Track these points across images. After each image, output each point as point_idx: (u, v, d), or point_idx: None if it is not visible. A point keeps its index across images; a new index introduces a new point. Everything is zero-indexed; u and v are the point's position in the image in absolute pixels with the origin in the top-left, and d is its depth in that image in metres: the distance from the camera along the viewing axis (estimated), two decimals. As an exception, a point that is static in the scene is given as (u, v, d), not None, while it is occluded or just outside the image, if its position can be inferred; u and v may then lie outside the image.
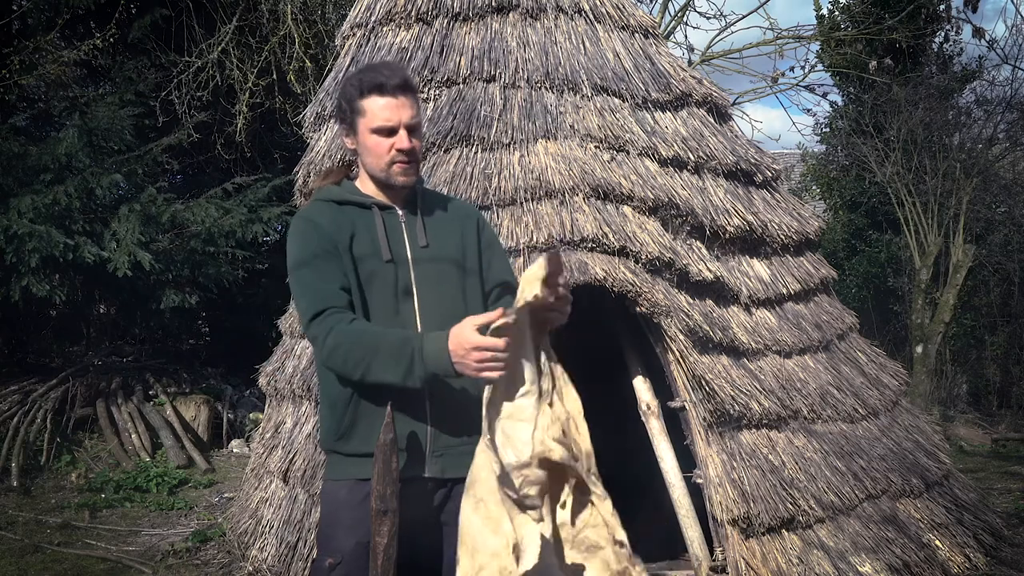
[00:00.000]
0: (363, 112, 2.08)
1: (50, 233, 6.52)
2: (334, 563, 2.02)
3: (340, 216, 2.11)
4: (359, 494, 2.01)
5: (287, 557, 4.06)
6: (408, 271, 2.09)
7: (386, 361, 1.91)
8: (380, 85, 2.06)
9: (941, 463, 4.61)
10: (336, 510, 2.08)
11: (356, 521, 2.00)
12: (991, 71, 10.84)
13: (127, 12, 8.48)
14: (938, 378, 9.52)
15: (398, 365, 1.90)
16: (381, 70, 2.09)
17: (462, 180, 4.07)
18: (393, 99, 2.06)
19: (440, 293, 2.10)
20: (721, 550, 3.74)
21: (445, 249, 2.15)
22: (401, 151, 2.07)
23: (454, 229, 2.19)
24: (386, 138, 2.07)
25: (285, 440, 4.41)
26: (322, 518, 2.16)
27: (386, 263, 2.08)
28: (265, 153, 9.59)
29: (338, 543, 2.04)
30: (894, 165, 9.91)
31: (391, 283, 2.08)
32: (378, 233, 2.10)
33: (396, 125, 2.06)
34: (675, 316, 3.84)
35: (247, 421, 7.76)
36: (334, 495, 2.09)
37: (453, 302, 2.10)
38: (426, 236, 2.13)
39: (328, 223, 2.09)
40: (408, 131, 2.07)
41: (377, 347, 1.93)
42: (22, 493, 5.78)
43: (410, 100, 2.09)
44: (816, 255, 5.03)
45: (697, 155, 4.52)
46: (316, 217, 2.11)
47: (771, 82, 10.95)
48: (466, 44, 4.61)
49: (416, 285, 2.09)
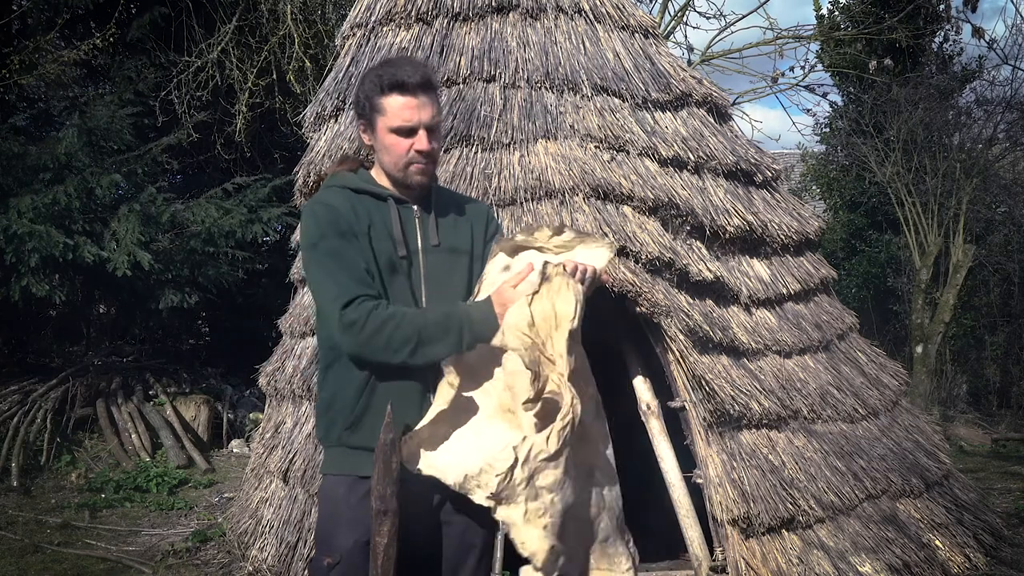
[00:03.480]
0: (383, 110, 2.03)
1: (50, 233, 6.52)
2: (332, 562, 1.98)
3: (357, 204, 2.07)
4: (359, 491, 1.98)
5: (287, 557, 4.06)
6: (419, 268, 2.08)
7: (435, 335, 1.91)
8: (401, 83, 2.01)
9: (941, 463, 4.61)
10: (335, 507, 2.04)
11: (356, 519, 1.97)
12: (991, 71, 10.85)
13: (127, 12, 8.48)
14: (938, 378, 9.53)
15: (448, 336, 1.91)
16: (404, 66, 2.05)
17: (462, 180, 4.07)
18: (414, 98, 2.01)
19: (448, 289, 2.10)
20: (721, 550, 3.74)
21: (456, 245, 2.14)
22: (420, 152, 2.04)
23: (465, 228, 2.18)
24: (405, 138, 2.03)
25: (285, 440, 4.41)
26: (320, 515, 2.12)
27: (401, 258, 2.06)
28: (265, 153, 9.59)
29: (337, 541, 2.00)
30: (894, 165, 9.91)
31: (404, 279, 2.06)
32: (394, 227, 2.07)
33: (416, 125, 2.02)
34: (675, 316, 3.84)
35: (247, 421, 7.76)
36: (333, 492, 2.05)
37: (460, 297, 2.09)
38: (438, 235, 2.12)
39: (346, 209, 2.04)
40: (428, 132, 2.04)
41: (424, 325, 1.92)
42: (22, 493, 5.78)
43: (431, 99, 2.04)
44: (816, 255, 5.03)
45: (697, 155, 4.52)
46: (333, 201, 2.05)
47: (771, 82, 10.96)
48: (466, 44, 4.61)
49: (426, 281, 2.08)
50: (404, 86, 2.01)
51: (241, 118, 8.87)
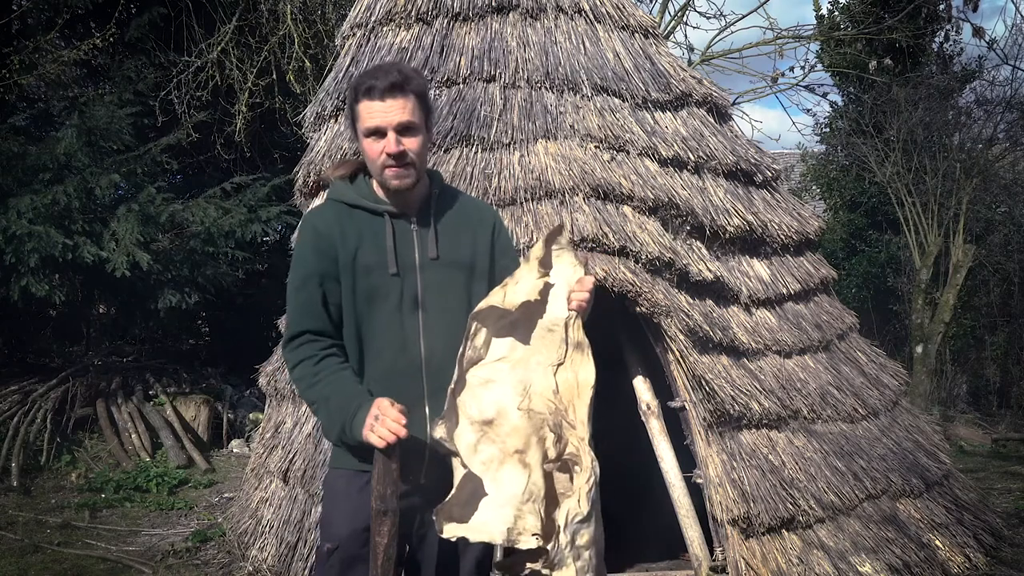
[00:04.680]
0: (357, 116, 2.08)
1: (49, 233, 6.52)
2: (331, 548, 2.11)
3: (348, 222, 2.11)
4: (357, 483, 2.08)
5: (287, 557, 4.06)
6: (415, 282, 2.09)
7: (329, 417, 2.02)
8: (369, 89, 2.04)
9: (941, 463, 4.61)
10: (334, 498, 2.16)
11: (353, 509, 2.08)
12: (991, 71, 10.85)
13: (126, 12, 8.47)
14: (938, 378, 9.53)
15: (333, 425, 2.01)
16: (375, 73, 2.07)
17: (462, 180, 4.07)
18: (380, 102, 2.03)
19: (445, 306, 2.10)
20: (721, 550, 3.74)
21: (455, 258, 2.14)
22: (390, 155, 2.04)
23: (467, 237, 2.18)
24: (377, 141, 2.06)
25: (285, 440, 4.42)
26: (323, 505, 2.25)
27: (392, 276, 2.07)
28: (265, 153, 9.58)
29: (335, 529, 2.12)
30: (894, 165, 9.91)
31: (396, 296, 2.07)
32: (387, 244, 2.09)
33: (383, 127, 2.04)
34: (675, 316, 3.84)
35: (247, 421, 7.76)
36: (333, 484, 2.17)
37: (458, 314, 2.08)
38: (437, 247, 2.12)
39: (334, 231, 2.09)
40: (400, 132, 2.04)
41: (326, 398, 2.03)
42: (22, 493, 5.78)
43: (402, 101, 2.04)
44: (816, 255, 5.03)
45: (697, 155, 4.52)
46: (321, 225, 2.12)
47: (771, 82, 10.96)
48: (466, 44, 4.61)
49: (423, 297, 2.09)
50: (372, 90, 2.04)
51: (241, 118, 8.87)
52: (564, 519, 1.93)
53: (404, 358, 2.07)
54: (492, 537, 1.95)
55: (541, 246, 2.06)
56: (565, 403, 2.01)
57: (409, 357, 2.07)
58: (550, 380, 2.02)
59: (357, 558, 2.05)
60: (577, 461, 1.98)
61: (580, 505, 1.93)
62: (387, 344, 2.08)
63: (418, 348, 2.07)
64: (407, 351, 2.07)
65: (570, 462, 1.99)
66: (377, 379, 2.07)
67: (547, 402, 2.00)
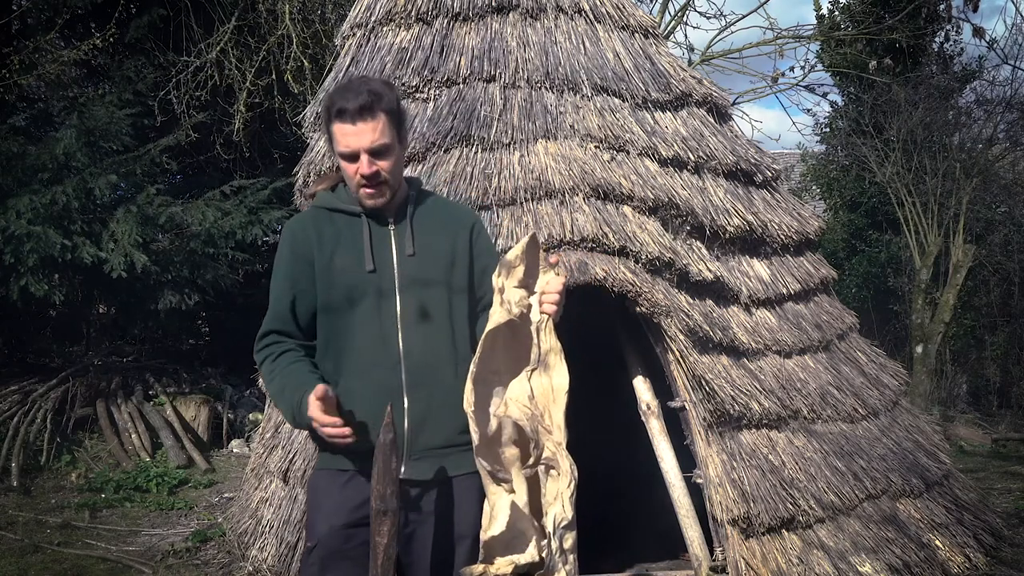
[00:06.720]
0: (332, 137, 2.12)
1: (47, 234, 6.51)
2: (311, 546, 2.14)
3: (327, 226, 2.16)
4: (337, 481, 2.12)
5: (287, 557, 4.06)
6: (393, 278, 2.12)
7: (285, 405, 2.10)
8: (341, 111, 2.06)
9: (941, 463, 4.61)
10: (315, 497, 2.19)
11: (333, 506, 2.11)
12: (991, 71, 10.86)
13: (126, 12, 8.47)
14: (938, 378, 9.53)
15: (287, 415, 2.11)
16: (345, 93, 2.07)
17: (462, 180, 4.07)
18: (352, 125, 2.05)
19: (423, 301, 2.13)
20: (721, 550, 3.74)
21: (432, 255, 2.16)
22: (364, 176, 2.08)
23: (445, 238, 2.20)
24: (351, 163, 2.09)
25: (285, 440, 4.41)
26: (307, 505, 2.29)
27: (369, 273, 2.11)
28: (264, 153, 9.58)
29: (315, 528, 2.15)
30: (894, 165, 9.91)
31: (374, 292, 2.11)
32: (364, 243, 2.13)
33: (356, 151, 2.07)
34: (675, 316, 3.84)
35: (247, 421, 7.76)
36: (315, 484, 2.22)
37: (436, 309, 2.13)
38: (414, 245, 2.15)
39: (311, 234, 2.15)
40: (373, 155, 2.07)
41: (282, 389, 2.10)
42: (22, 493, 5.78)
43: (372, 124, 2.05)
44: (816, 255, 5.03)
45: (697, 155, 4.51)
46: (299, 228, 2.19)
47: (771, 82, 10.98)
48: (466, 44, 4.61)
49: (400, 292, 2.12)
50: (343, 113, 2.06)
51: (240, 118, 8.87)
52: (552, 525, 1.97)
53: (383, 352, 2.09)
54: (532, 556, 1.99)
55: (521, 255, 2.07)
56: (540, 408, 2.04)
57: (388, 351, 2.09)
58: (525, 386, 2.05)
59: (337, 554, 2.08)
60: (554, 465, 2.00)
61: (565, 510, 1.98)
62: (366, 339, 2.10)
63: (396, 342, 2.09)
64: (386, 345, 2.09)
65: (546, 466, 2.02)
66: (356, 374, 2.10)
67: (523, 408, 2.02)
